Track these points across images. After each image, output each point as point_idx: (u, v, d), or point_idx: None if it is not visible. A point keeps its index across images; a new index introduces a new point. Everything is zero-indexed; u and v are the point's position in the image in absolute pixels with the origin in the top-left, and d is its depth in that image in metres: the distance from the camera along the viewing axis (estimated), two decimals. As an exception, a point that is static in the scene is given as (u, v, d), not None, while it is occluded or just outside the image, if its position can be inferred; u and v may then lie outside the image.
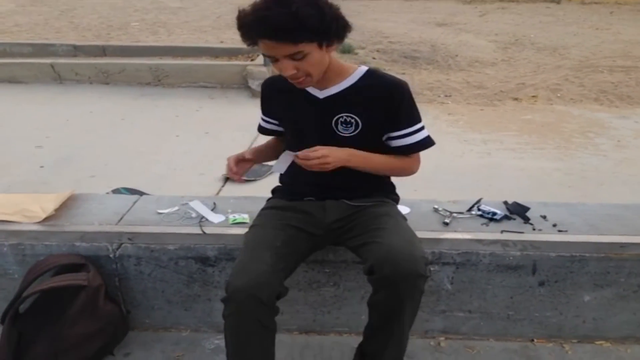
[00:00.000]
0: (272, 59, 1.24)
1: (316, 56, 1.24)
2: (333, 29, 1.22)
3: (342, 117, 1.38)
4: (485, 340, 1.73)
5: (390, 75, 1.40)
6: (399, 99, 1.37)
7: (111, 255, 1.64)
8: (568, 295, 1.66)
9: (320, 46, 1.24)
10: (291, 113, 1.47)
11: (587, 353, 1.68)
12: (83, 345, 1.51)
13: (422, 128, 1.43)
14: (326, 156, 1.31)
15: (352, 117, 1.38)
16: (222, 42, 6.34)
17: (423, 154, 1.48)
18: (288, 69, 1.24)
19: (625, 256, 1.60)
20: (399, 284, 1.22)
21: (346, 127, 1.39)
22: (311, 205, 1.47)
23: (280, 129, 1.58)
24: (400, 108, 1.38)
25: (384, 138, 1.44)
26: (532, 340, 1.73)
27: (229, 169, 1.45)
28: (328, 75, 1.35)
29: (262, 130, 1.63)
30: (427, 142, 1.44)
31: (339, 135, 1.40)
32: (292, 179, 1.53)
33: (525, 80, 5.55)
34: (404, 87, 1.37)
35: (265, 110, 1.57)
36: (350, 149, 1.38)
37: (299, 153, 1.32)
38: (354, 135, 1.39)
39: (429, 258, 1.55)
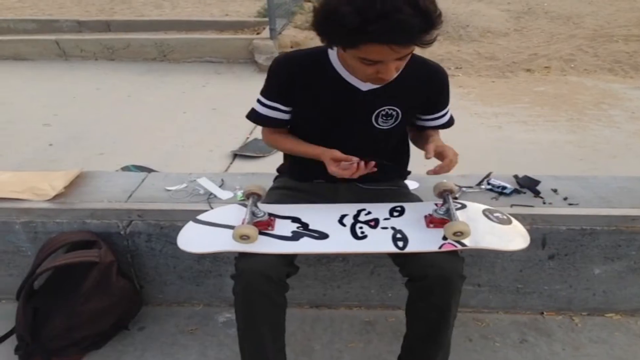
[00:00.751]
0: (368, 62, 1.08)
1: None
2: None
3: (384, 110, 1.29)
4: (495, 313, 1.74)
5: (430, 61, 1.32)
6: (439, 86, 1.34)
7: (122, 232, 1.65)
8: (578, 269, 1.65)
9: None
10: (324, 101, 1.28)
11: (596, 325, 1.68)
12: (97, 320, 1.55)
13: (448, 110, 1.42)
14: (455, 154, 1.26)
15: (394, 110, 1.30)
16: (227, 14, 6.25)
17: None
18: (392, 71, 1.11)
19: (636, 229, 1.58)
20: (445, 289, 1.18)
21: (386, 119, 1.31)
22: (322, 187, 1.44)
23: (286, 117, 1.36)
24: (440, 95, 1.36)
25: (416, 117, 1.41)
26: (542, 313, 1.74)
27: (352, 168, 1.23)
28: None
29: (261, 119, 1.36)
30: (450, 123, 1.44)
31: (376, 129, 1.32)
32: (309, 163, 1.40)
33: (538, 50, 5.42)
34: (444, 74, 1.34)
35: (276, 95, 1.31)
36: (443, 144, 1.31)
37: (438, 167, 1.23)
38: (392, 127, 1.33)
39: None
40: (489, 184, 1.74)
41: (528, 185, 1.72)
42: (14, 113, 3.94)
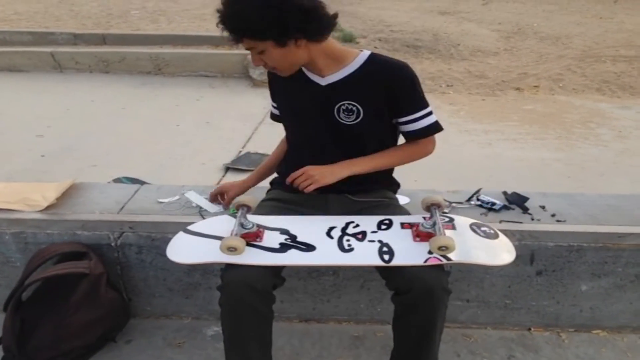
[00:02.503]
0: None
1: (275, 53, 1.25)
2: (291, 27, 1.20)
3: (343, 104, 1.35)
4: (483, 329, 1.75)
5: (391, 59, 1.36)
6: (398, 82, 1.34)
7: (112, 244, 1.65)
8: (565, 285, 1.67)
9: (277, 43, 1.23)
10: (292, 100, 1.45)
11: (583, 342, 1.70)
12: (85, 332, 1.53)
13: (429, 113, 1.40)
14: (307, 171, 1.35)
15: (353, 105, 1.35)
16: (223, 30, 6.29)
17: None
18: (255, 60, 1.29)
19: (623, 246, 1.61)
20: (430, 302, 1.19)
21: (348, 114, 1.35)
22: (313, 199, 1.45)
23: (277, 112, 1.57)
24: (401, 92, 1.35)
25: (393, 122, 1.42)
26: (529, 329, 1.75)
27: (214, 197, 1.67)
28: (320, 64, 1.33)
29: (273, 116, 1.60)
30: (434, 128, 1.41)
31: (342, 124, 1.37)
32: (292, 170, 1.50)
33: (527, 70, 5.52)
34: (404, 70, 1.34)
35: (272, 96, 1.55)
36: (345, 161, 1.38)
37: (288, 179, 1.37)
38: (356, 123, 1.36)
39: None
40: (478, 199, 1.76)
41: (517, 201, 1.75)
42: (7, 124, 3.93)
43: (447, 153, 3.30)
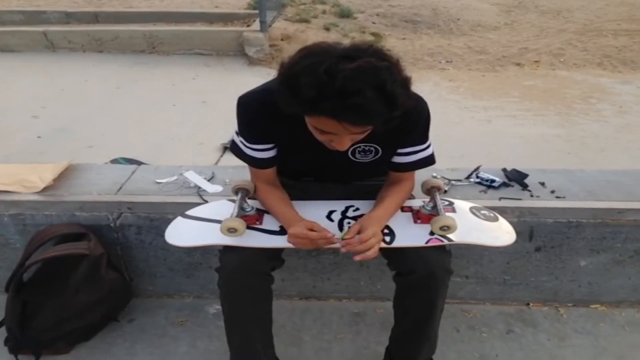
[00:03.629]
0: (320, 131, 1.05)
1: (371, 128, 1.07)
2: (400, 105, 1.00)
3: (360, 146, 1.22)
4: (482, 304, 1.76)
5: (412, 95, 1.11)
6: (418, 121, 1.21)
7: (112, 225, 1.65)
8: (564, 261, 1.68)
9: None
10: (303, 141, 1.16)
11: (581, 316, 1.71)
12: (87, 312, 1.54)
13: (428, 146, 1.29)
14: (378, 234, 1.15)
15: (372, 146, 1.23)
16: (216, 6, 6.19)
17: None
18: (345, 144, 1.07)
19: (622, 222, 1.61)
20: (432, 284, 1.19)
21: (365, 155, 1.24)
22: (312, 184, 1.41)
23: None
24: (417, 129, 1.23)
25: None
26: (528, 304, 1.76)
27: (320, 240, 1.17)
28: None
29: (259, 163, 1.29)
30: (430, 160, 1.31)
31: (353, 162, 1.25)
32: (293, 159, 1.36)
33: (528, 44, 5.45)
34: (425, 109, 1.21)
35: (259, 138, 1.25)
36: (378, 219, 1.21)
37: (348, 242, 1.14)
38: (372, 161, 1.26)
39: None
40: (477, 177, 1.75)
41: (516, 178, 1.74)
42: (2, 105, 3.89)
43: (446, 130, 3.29)
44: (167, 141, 3.26)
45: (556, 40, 5.53)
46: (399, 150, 1.28)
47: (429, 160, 1.31)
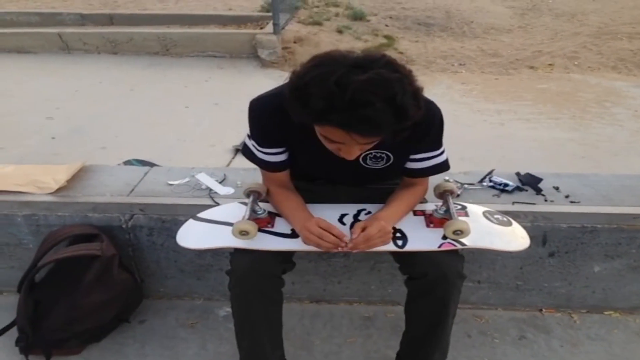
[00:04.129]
0: (329, 140, 1.05)
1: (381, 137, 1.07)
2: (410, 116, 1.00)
3: (371, 153, 1.22)
4: (494, 310, 1.74)
5: (424, 100, 1.12)
6: (430, 127, 1.20)
7: (124, 226, 1.66)
8: (578, 266, 1.65)
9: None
10: (314, 146, 1.15)
11: (595, 323, 1.69)
12: (98, 313, 1.55)
13: (442, 152, 1.28)
14: (384, 228, 1.15)
15: (383, 153, 1.22)
16: (230, 9, 6.23)
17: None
18: (354, 153, 1.08)
19: (637, 227, 1.58)
20: (444, 288, 1.17)
21: (376, 161, 1.24)
22: (324, 187, 1.41)
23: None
24: (430, 135, 1.22)
25: None
26: (541, 310, 1.74)
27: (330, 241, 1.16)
28: None
29: (270, 166, 1.29)
30: (445, 166, 1.30)
31: (365, 168, 1.25)
32: (304, 162, 1.37)
33: (542, 47, 5.40)
34: (438, 114, 1.20)
35: (270, 141, 1.25)
36: (389, 217, 1.22)
37: (352, 241, 1.14)
38: (383, 167, 1.26)
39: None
40: (491, 181, 1.74)
41: (530, 182, 1.72)
42: (17, 106, 3.94)
43: (459, 133, 3.26)
44: (179, 143, 3.28)
45: (570, 44, 5.47)
46: (412, 157, 1.27)
47: (443, 166, 1.30)
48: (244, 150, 1.32)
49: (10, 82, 4.52)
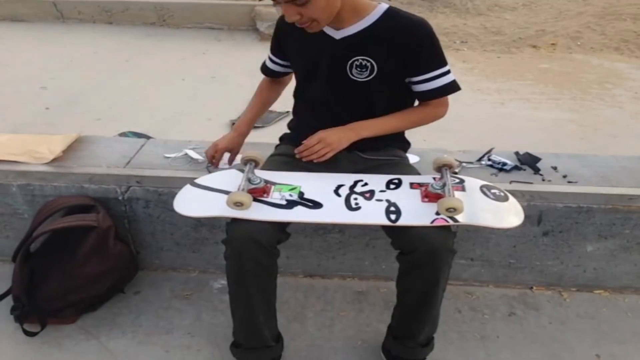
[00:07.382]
0: (275, 3, 1.19)
1: (322, 2, 1.18)
2: None
3: (357, 60, 1.31)
4: (485, 287, 1.76)
5: (408, 14, 1.30)
6: (416, 40, 1.28)
7: (120, 198, 1.66)
8: (571, 246, 1.67)
9: None
10: (304, 52, 1.40)
11: (584, 301, 1.71)
12: (93, 283, 1.56)
13: (447, 72, 1.34)
14: (324, 139, 1.31)
15: (368, 61, 1.30)
16: (229, -20, 6.08)
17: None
18: (291, 14, 1.19)
19: (632, 208, 1.59)
20: (434, 262, 1.19)
21: (361, 71, 1.32)
22: (321, 165, 1.40)
23: (285, 70, 1.56)
24: (421, 51, 1.29)
25: (406, 81, 1.37)
26: (531, 287, 1.76)
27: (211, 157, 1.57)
28: (344, 15, 1.27)
29: (266, 70, 1.59)
30: (451, 87, 1.35)
31: (351, 80, 1.33)
32: (302, 125, 1.49)
33: (545, 26, 5.31)
34: (424, 28, 1.28)
35: (276, 48, 1.51)
36: (355, 124, 1.36)
37: (297, 149, 1.32)
38: (368, 80, 1.32)
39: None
40: (489, 159, 1.73)
41: (528, 162, 1.72)
42: (11, 75, 3.89)
43: (459, 112, 3.21)
44: (175, 116, 3.25)
45: (574, 23, 5.38)
46: (415, 79, 1.34)
47: (451, 87, 1.35)
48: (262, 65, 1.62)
49: (3, 51, 4.45)
